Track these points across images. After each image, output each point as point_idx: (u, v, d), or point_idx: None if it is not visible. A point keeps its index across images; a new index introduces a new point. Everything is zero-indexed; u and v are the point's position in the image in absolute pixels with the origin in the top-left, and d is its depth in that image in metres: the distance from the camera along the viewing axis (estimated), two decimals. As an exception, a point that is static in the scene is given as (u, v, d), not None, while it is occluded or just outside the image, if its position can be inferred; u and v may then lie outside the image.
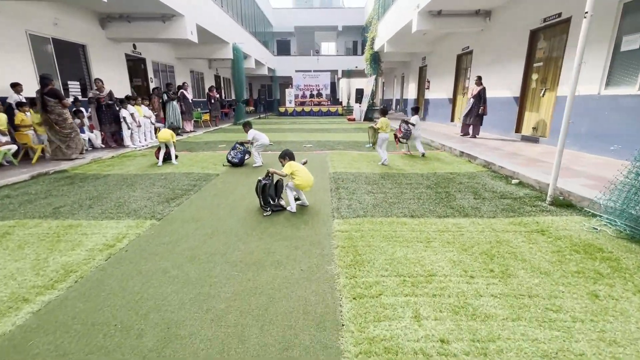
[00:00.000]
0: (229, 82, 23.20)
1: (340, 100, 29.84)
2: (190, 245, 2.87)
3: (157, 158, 6.32)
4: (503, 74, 9.04)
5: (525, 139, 8.17)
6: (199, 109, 16.54)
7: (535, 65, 7.85)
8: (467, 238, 2.93)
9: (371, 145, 6.96)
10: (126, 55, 11.25)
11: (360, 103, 19.89)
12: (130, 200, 4.15)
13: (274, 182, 3.88)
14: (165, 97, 10.23)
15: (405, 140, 7.12)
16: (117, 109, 7.79)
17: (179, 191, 4.54)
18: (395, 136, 7.34)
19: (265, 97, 31.14)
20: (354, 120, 18.47)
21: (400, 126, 7.23)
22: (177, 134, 7.10)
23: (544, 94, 7.52)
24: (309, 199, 3.99)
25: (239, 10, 17.42)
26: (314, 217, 3.54)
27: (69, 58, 8.88)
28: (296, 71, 25.44)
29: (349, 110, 25.51)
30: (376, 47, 16.98)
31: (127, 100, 7.89)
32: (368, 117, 17.64)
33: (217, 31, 12.85)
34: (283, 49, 29.77)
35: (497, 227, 3.19)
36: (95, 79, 7.90)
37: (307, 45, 29.46)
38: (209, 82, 19.29)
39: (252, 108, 27.22)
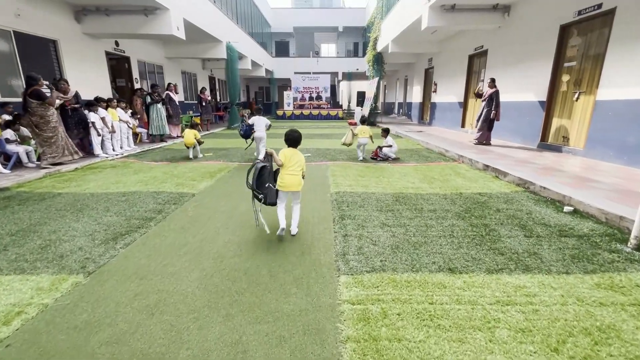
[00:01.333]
0: (224, 83, 22.21)
1: (340, 104, 28.94)
2: (114, 333, 1.82)
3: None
4: (525, 75, 8.05)
5: (552, 148, 7.17)
6: (190, 112, 15.58)
7: (566, 65, 6.85)
8: (548, 319, 1.90)
9: (344, 144, 7.36)
10: (107, 53, 10.23)
11: (362, 107, 18.93)
12: (66, 236, 3.10)
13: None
14: (148, 99, 9.20)
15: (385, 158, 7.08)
16: (87, 112, 6.75)
17: (136, 221, 3.49)
18: (375, 153, 7.22)
19: (263, 99, 30.19)
20: (355, 124, 17.45)
21: (377, 150, 7.15)
22: (194, 127, 7.42)
23: (578, 98, 6.52)
24: (306, 232, 2.96)
25: (234, 8, 16.45)
26: (311, 269, 2.50)
27: (37, 55, 7.84)
28: (295, 73, 24.53)
29: (349, 114, 24.56)
30: (379, 48, 16.04)
31: (97, 102, 6.84)
32: (370, 122, 16.66)
33: (208, 28, 11.87)
34: (282, 50, 28.85)
35: (581, 293, 2.15)
36: (59, 79, 6.87)
37: (306, 47, 28.54)
38: (203, 83, 18.29)
39: (249, 111, 26.25)
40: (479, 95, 8.53)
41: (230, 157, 7.45)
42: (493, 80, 8.14)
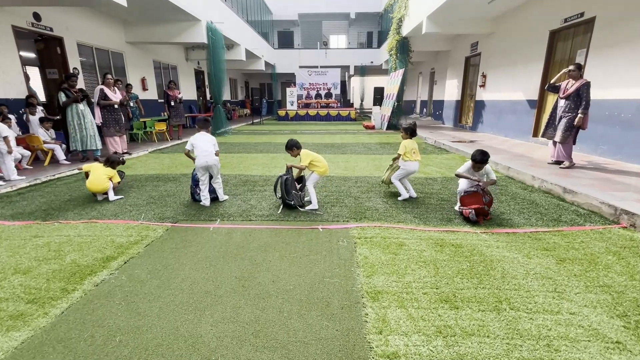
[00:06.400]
0: (216, 79, 18.92)
1: (351, 102, 25.46)
2: None
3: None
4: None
5: None
6: (165, 114, 12.30)
7: None
8: None
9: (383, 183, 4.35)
10: (21, 29, 6.98)
11: (380, 106, 15.46)
12: None
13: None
14: (62, 96, 5.91)
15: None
16: None
17: None
18: (479, 196, 3.38)
19: (261, 97, 26.85)
20: (373, 128, 14.04)
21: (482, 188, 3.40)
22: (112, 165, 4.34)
23: None
24: None
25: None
26: None
27: None
28: (300, 67, 21.14)
29: (363, 114, 21.12)
30: (405, 32, 12.50)
31: None
32: (393, 125, 13.20)
33: (175, -2, 8.52)
34: (285, 40, 25.42)
35: None
36: None
37: (313, 37, 25.06)
38: (187, 77, 15.04)
39: (247, 111, 23.01)
40: (553, 89, 5.45)
41: (165, 203, 4.06)
42: (579, 67, 4.99)
